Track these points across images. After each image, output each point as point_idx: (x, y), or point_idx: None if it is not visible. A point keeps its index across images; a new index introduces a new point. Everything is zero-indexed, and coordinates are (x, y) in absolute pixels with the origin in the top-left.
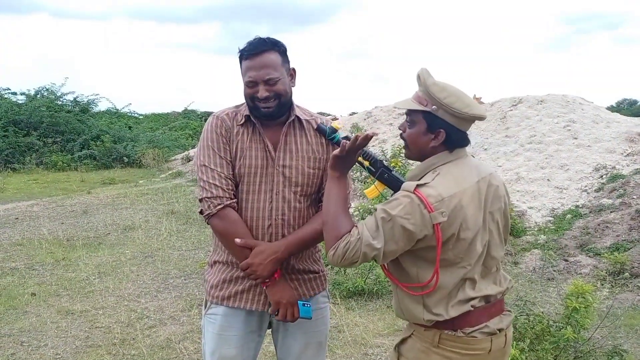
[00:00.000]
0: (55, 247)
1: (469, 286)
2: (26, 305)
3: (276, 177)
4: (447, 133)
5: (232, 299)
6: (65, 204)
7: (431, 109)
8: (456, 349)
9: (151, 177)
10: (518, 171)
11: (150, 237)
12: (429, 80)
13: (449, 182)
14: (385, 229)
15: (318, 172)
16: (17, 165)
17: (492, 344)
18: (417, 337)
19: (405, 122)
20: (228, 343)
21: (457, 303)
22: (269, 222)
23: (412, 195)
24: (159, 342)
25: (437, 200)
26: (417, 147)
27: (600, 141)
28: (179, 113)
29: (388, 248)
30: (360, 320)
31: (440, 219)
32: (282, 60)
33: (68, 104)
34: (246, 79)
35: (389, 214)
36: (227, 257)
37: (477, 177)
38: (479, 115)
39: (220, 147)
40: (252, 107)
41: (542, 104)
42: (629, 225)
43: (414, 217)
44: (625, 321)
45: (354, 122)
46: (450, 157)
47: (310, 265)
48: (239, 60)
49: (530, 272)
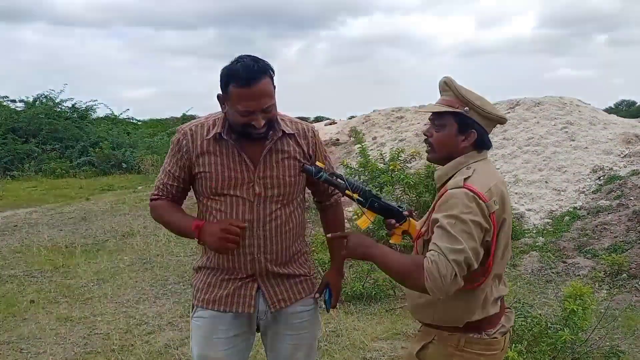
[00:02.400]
0: (54, 254)
1: (501, 283)
2: (25, 312)
3: (257, 189)
4: (478, 133)
5: (218, 303)
6: (64, 210)
7: (464, 110)
8: (480, 351)
9: (150, 183)
10: (516, 173)
11: (148, 244)
12: (458, 84)
13: (487, 175)
14: (456, 231)
15: (299, 178)
16: (16, 173)
17: (505, 343)
18: (440, 341)
19: (432, 127)
20: (215, 346)
21: (493, 301)
22: (249, 232)
23: (463, 190)
24: (158, 348)
25: (486, 190)
26: (447, 149)
27: (598, 143)
28: (178, 119)
29: (470, 246)
30: (358, 324)
31: (494, 207)
32: (273, 85)
33: (66, 111)
34: (241, 107)
35: (452, 216)
36: (213, 262)
37: (500, 178)
38: (503, 117)
39: (173, 164)
40: (241, 132)
41: (539, 107)
42: (627, 226)
43: (474, 209)
44: (622, 322)
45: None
46: (478, 156)
47: (296, 269)
48: (223, 80)
49: (528, 274)
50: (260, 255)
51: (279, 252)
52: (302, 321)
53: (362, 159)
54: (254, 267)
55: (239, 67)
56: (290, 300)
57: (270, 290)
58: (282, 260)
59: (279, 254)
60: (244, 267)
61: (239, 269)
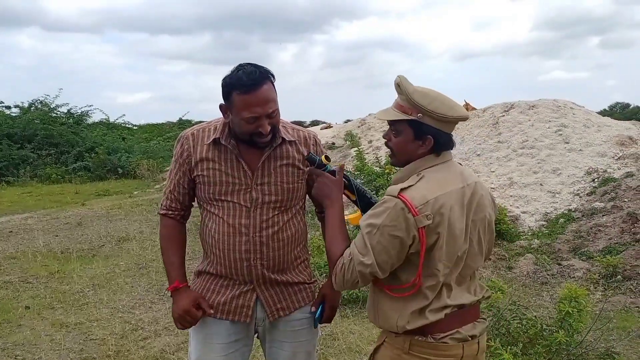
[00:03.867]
0: (50, 259)
1: (446, 293)
2: (20, 318)
3: (255, 194)
4: (434, 138)
5: (215, 309)
6: (59, 216)
7: (416, 116)
8: (427, 355)
9: (145, 188)
10: (511, 176)
11: (144, 248)
12: (410, 88)
13: (433, 185)
14: (372, 243)
15: (299, 185)
16: (11, 178)
17: (464, 350)
18: (389, 344)
19: (390, 131)
20: (213, 351)
21: (434, 310)
22: (246, 238)
23: (396, 199)
24: (154, 353)
25: (422, 203)
26: (405, 155)
27: (592, 145)
28: (174, 123)
29: (381, 259)
30: (355, 328)
31: (425, 222)
32: (275, 90)
33: (62, 116)
34: (248, 114)
35: (374, 226)
36: (213, 268)
37: (462, 183)
38: (463, 116)
39: (177, 170)
40: (248, 140)
41: (533, 109)
42: (621, 228)
43: (399, 223)
44: (617, 323)
45: (348, 130)
46: (436, 160)
47: (294, 276)
48: (225, 90)
49: (524, 277)
50: (257, 261)
51: (275, 258)
52: (301, 329)
53: (358, 162)
54: (251, 274)
55: (240, 74)
56: (289, 309)
57: (268, 300)
58: (279, 268)
59: (275, 260)
60: (241, 273)
61: (236, 275)
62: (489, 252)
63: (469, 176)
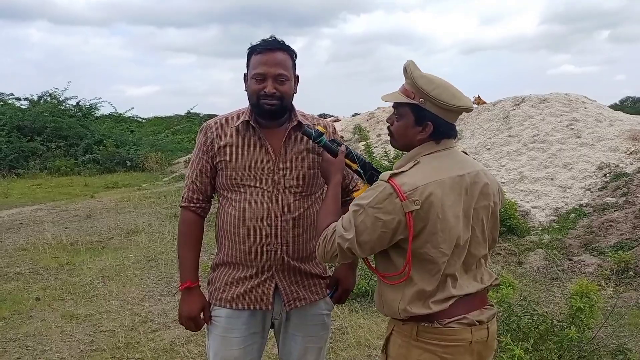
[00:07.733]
0: (59, 251)
1: (451, 284)
2: (31, 309)
3: (277, 179)
4: (434, 125)
5: (235, 301)
6: (68, 208)
7: (418, 101)
8: (435, 340)
9: (154, 181)
10: (521, 170)
11: (153, 241)
12: (416, 72)
13: (426, 172)
14: (357, 221)
15: (319, 172)
16: (21, 170)
17: (472, 335)
18: (397, 332)
19: (393, 115)
20: (231, 344)
21: (438, 301)
22: (267, 222)
23: (386, 184)
24: (163, 345)
25: (411, 189)
26: (406, 139)
27: (604, 140)
28: (182, 116)
29: (362, 239)
30: (364, 322)
31: (412, 207)
32: (292, 63)
33: (71, 109)
34: (255, 71)
35: (360, 205)
36: (230, 256)
37: (461, 171)
38: (466, 106)
39: (200, 159)
40: (255, 104)
41: (544, 103)
42: (633, 223)
43: (385, 206)
44: (629, 320)
45: (356, 124)
46: (435, 147)
47: (313, 267)
48: (247, 56)
49: (534, 272)
50: (277, 246)
51: (295, 244)
52: (315, 324)
53: (367, 156)
54: (270, 259)
55: (261, 40)
56: (305, 300)
57: (286, 288)
58: (299, 255)
59: (295, 246)
60: (261, 259)
61: (255, 261)
62: (494, 242)
63: (471, 165)
